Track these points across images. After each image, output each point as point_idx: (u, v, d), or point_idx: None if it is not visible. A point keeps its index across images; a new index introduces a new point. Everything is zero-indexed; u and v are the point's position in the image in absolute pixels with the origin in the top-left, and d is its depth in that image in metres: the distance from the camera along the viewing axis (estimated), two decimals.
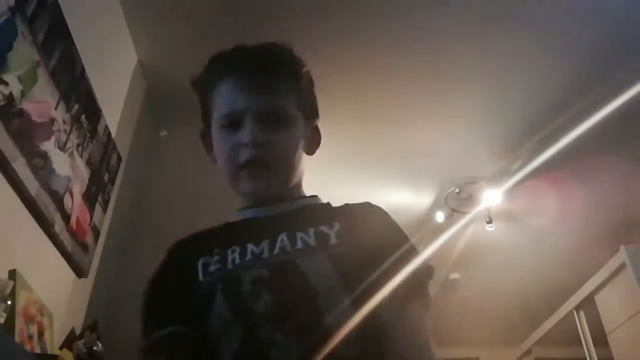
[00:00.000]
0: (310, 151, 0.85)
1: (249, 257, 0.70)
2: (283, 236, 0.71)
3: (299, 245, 0.69)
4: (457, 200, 3.34)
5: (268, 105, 0.77)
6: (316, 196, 0.84)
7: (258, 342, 0.61)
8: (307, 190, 0.88)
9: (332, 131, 0.88)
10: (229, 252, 0.71)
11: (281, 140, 0.77)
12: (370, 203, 0.80)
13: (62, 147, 1.58)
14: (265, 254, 0.69)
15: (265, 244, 0.71)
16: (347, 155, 2.91)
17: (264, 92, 0.78)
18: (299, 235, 0.71)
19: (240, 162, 0.75)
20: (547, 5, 2.14)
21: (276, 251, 0.69)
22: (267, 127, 0.76)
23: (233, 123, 0.77)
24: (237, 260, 0.70)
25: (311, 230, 0.71)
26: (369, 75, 2.45)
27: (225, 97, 0.79)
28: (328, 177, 2.68)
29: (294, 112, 0.80)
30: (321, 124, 0.91)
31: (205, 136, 0.86)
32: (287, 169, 0.79)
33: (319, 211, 0.79)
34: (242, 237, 0.73)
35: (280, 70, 0.80)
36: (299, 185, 0.83)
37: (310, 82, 0.84)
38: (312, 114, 0.85)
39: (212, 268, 0.70)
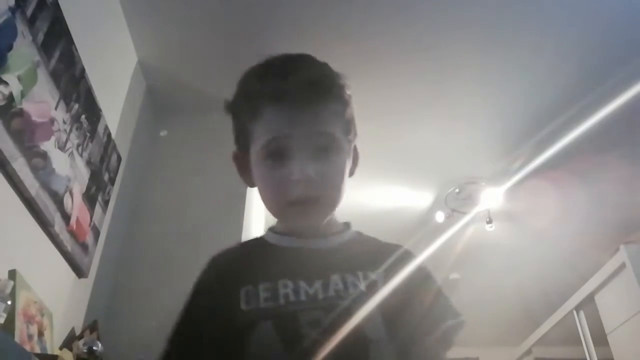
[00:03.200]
0: (352, 172, 0.82)
1: (302, 297, 0.69)
2: (336, 278, 0.71)
3: (351, 290, 0.70)
4: (457, 200, 3.34)
5: (317, 131, 0.73)
6: (349, 224, 0.84)
7: None
8: None
9: None
10: (280, 286, 0.70)
11: (331, 171, 0.74)
12: (407, 251, 0.80)
13: (62, 147, 1.59)
14: (320, 295, 0.69)
15: (318, 285, 0.70)
16: None
17: (313, 118, 0.73)
18: (350, 279, 0.71)
19: (292, 198, 0.72)
20: (547, 6, 2.14)
21: (331, 293, 0.69)
22: (316, 155, 0.72)
23: (279, 153, 0.72)
24: (291, 298, 0.69)
25: (360, 275, 0.71)
26: (368, 75, 2.45)
27: (270, 125, 0.73)
28: None
29: (341, 136, 0.76)
30: None
31: (239, 160, 0.82)
32: (336, 200, 0.76)
33: (361, 250, 0.79)
34: (290, 270, 0.72)
35: (328, 95, 0.75)
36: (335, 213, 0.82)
37: (352, 107, 0.80)
38: (353, 134, 0.81)
39: (261, 302, 0.69)
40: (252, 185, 0.80)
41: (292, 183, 0.71)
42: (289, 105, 0.72)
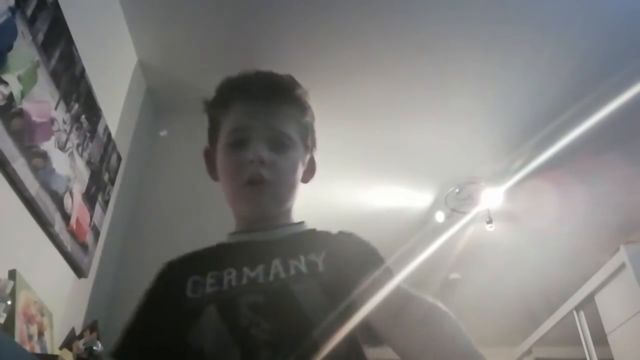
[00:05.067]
0: (305, 179, 0.89)
1: (244, 281, 0.72)
2: (277, 262, 0.73)
3: (292, 272, 0.72)
4: (457, 200, 3.34)
5: (274, 127, 0.82)
6: (303, 222, 0.87)
7: None
8: (308, 194, 0.88)
9: (332, 132, 0.88)
10: (225, 273, 0.74)
11: (284, 162, 0.81)
12: (347, 231, 0.83)
13: (62, 147, 1.59)
14: (261, 279, 0.72)
15: (260, 269, 0.73)
16: (347, 155, 2.92)
17: (271, 115, 0.83)
18: (292, 262, 0.73)
19: (244, 178, 0.79)
20: (547, 6, 2.14)
21: (271, 277, 0.71)
22: (271, 148, 0.80)
23: (240, 141, 0.81)
24: (234, 282, 0.72)
25: (302, 258, 0.74)
26: (368, 75, 2.45)
27: (235, 117, 0.84)
28: (328, 178, 2.69)
29: (297, 138, 0.84)
30: (321, 124, 0.91)
31: (209, 155, 0.91)
32: (286, 189, 0.83)
33: (308, 239, 0.82)
34: (237, 260, 0.75)
35: (287, 99, 0.85)
36: (289, 211, 0.86)
37: (312, 116, 0.89)
38: (310, 145, 0.90)
39: (207, 288, 0.72)
40: (216, 179, 0.88)
41: (247, 163, 0.78)
42: (252, 100, 0.83)
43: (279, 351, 0.63)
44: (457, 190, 3.27)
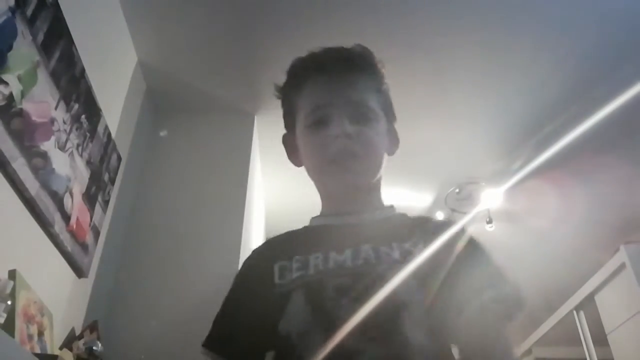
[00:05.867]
0: (391, 151, 0.86)
1: (331, 264, 0.70)
2: (367, 247, 0.71)
3: (384, 258, 0.69)
4: (457, 200, 3.34)
5: (355, 99, 0.79)
6: (393, 206, 0.84)
7: (344, 349, 0.61)
8: (306, 190, 0.88)
9: None
10: (311, 258, 0.72)
11: (369, 132, 0.78)
12: (451, 221, 0.81)
13: (62, 147, 1.59)
14: (349, 263, 0.69)
15: (348, 253, 0.71)
16: None
17: (350, 88, 0.80)
18: (383, 249, 0.71)
19: (331, 153, 0.76)
20: (547, 5, 2.14)
21: (360, 261, 0.69)
22: (355, 121, 0.77)
23: (321, 120, 0.78)
24: (320, 266, 0.70)
25: (395, 245, 0.71)
26: None
27: (312, 96, 0.81)
28: None
29: (378, 109, 0.82)
30: None
31: (288, 141, 0.88)
32: (374, 161, 0.80)
33: (400, 225, 0.79)
34: (324, 244, 0.74)
35: (364, 69, 0.83)
36: (378, 191, 0.84)
37: (388, 85, 0.87)
38: (391, 115, 0.87)
39: (293, 273, 0.71)
40: (300, 165, 0.85)
41: (332, 139, 0.76)
42: (328, 76, 0.80)
43: (364, 334, 0.61)
44: (457, 190, 3.27)
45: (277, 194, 3.24)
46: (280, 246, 0.80)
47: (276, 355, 0.68)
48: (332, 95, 0.79)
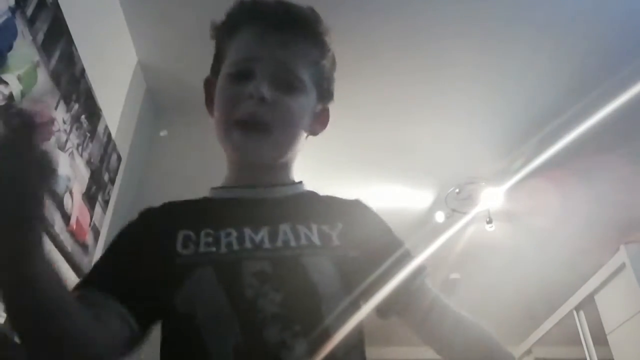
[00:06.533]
0: (314, 131, 0.78)
1: (247, 244, 0.64)
2: (285, 227, 0.66)
3: (303, 241, 0.65)
4: (457, 200, 3.34)
5: (284, 63, 0.71)
6: (302, 182, 0.78)
7: (266, 341, 0.58)
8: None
9: (331, 132, 0.88)
10: (222, 234, 0.65)
11: (288, 105, 0.70)
12: (361, 202, 0.77)
13: (62, 147, 1.58)
14: (267, 244, 0.65)
15: (265, 232, 0.66)
16: (346, 155, 2.91)
17: (282, 49, 0.71)
18: (302, 230, 0.66)
19: (239, 115, 0.68)
20: (547, 5, 2.14)
21: (279, 243, 0.65)
22: (277, 87, 0.69)
23: (242, 73, 0.70)
24: (235, 246, 0.64)
25: (314, 227, 0.67)
26: (367, 75, 2.45)
27: (242, 44, 0.73)
28: (327, 178, 2.69)
29: (309, 82, 0.73)
30: None
31: (209, 86, 0.80)
32: (287, 136, 0.72)
33: (316, 204, 0.75)
34: (235, 219, 0.67)
35: (306, 35, 0.74)
36: (289, 167, 0.76)
37: (333, 62, 0.78)
38: (326, 94, 0.78)
39: (201, 247, 0.64)
40: (213, 115, 0.76)
41: (245, 100, 0.68)
42: (263, 28, 0.71)
43: (288, 327, 0.58)
44: (457, 190, 3.27)
45: None
46: (182, 214, 0.72)
47: (170, 331, 0.62)
48: (262, 49, 0.71)
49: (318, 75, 0.75)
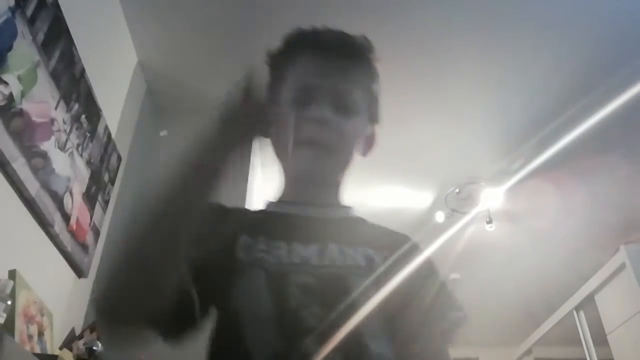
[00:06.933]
0: (364, 152, 0.85)
1: (296, 259, 0.67)
2: (333, 247, 0.69)
3: (349, 261, 0.68)
4: (457, 200, 3.34)
5: (343, 89, 0.77)
6: (352, 207, 0.82)
7: (303, 351, 0.59)
8: None
9: None
10: (274, 244, 0.68)
11: (346, 127, 0.76)
12: (412, 242, 0.80)
13: (62, 147, 1.58)
14: (314, 261, 0.67)
15: (314, 249, 0.69)
16: None
17: (340, 74, 0.77)
18: (348, 251, 0.69)
19: (304, 136, 0.73)
20: (547, 5, 2.14)
21: (326, 261, 0.67)
22: (336, 111, 0.75)
23: (303, 99, 0.75)
24: (285, 259, 0.67)
25: (360, 250, 0.70)
26: None
27: (301, 72, 0.78)
28: None
29: (363, 106, 0.80)
30: None
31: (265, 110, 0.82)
32: (345, 156, 0.77)
33: (365, 229, 0.78)
34: (288, 232, 0.70)
35: (360, 61, 0.81)
36: (340, 187, 0.81)
37: (379, 86, 0.85)
38: (375, 116, 0.85)
39: (256, 252, 0.67)
40: (267, 136, 0.77)
41: (308, 121, 0.73)
42: (323, 57, 0.77)
43: (324, 341, 0.59)
44: (457, 190, 3.27)
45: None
46: (242, 219, 0.76)
47: (218, 326, 0.65)
48: (321, 77, 0.76)
49: (369, 99, 0.83)
